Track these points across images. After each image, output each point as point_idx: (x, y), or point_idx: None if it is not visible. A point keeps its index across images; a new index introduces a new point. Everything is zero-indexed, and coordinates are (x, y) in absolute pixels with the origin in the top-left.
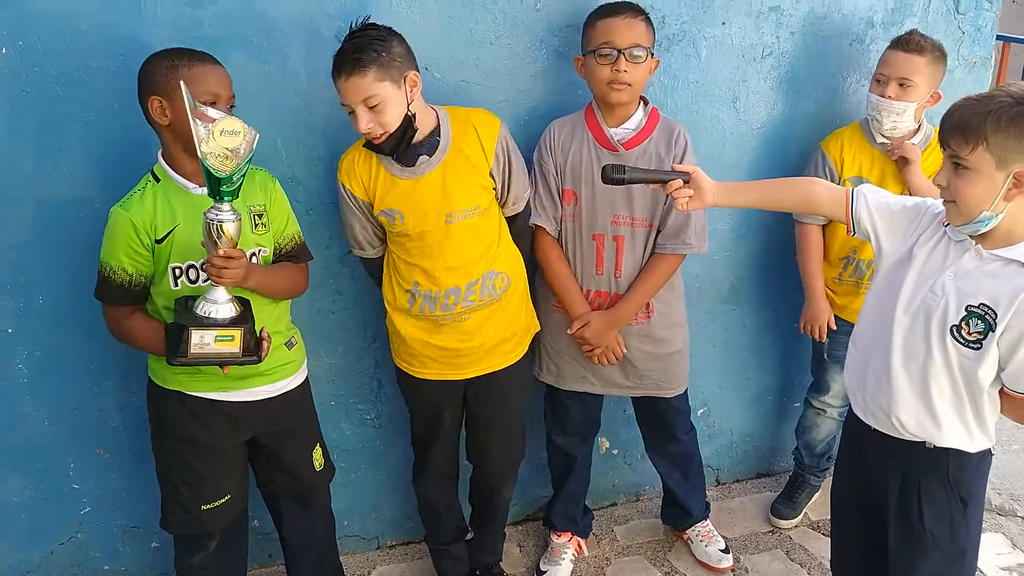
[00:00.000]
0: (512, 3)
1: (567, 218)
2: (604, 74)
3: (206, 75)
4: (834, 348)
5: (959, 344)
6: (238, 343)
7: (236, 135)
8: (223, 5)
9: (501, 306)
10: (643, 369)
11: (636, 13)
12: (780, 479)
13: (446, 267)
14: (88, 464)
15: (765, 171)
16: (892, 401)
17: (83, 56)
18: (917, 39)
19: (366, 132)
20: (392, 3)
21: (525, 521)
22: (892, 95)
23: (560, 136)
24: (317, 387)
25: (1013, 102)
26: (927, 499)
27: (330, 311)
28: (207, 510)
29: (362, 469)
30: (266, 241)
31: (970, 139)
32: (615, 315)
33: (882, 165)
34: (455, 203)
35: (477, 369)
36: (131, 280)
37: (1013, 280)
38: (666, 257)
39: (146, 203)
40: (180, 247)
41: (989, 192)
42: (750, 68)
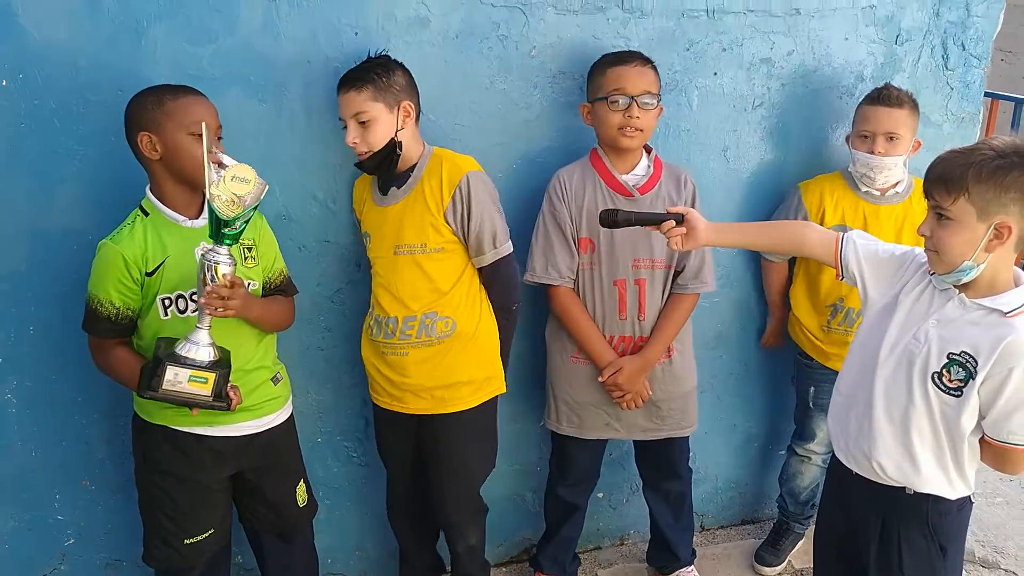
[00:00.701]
0: (507, 49)
1: (584, 266)
2: (616, 120)
3: (192, 106)
4: (819, 396)
5: (940, 391)
6: (210, 386)
7: (247, 183)
8: (223, 44)
9: (442, 351)
10: (665, 410)
11: (645, 61)
12: (764, 526)
13: (392, 296)
14: (73, 496)
15: (753, 219)
16: (873, 446)
17: (82, 91)
18: (896, 93)
19: (351, 145)
20: (389, 45)
21: (510, 563)
22: (881, 151)
23: (571, 185)
24: (304, 423)
25: (995, 155)
26: (907, 546)
27: (319, 348)
28: (190, 544)
29: (347, 507)
30: (255, 275)
31: (952, 190)
32: (645, 358)
33: (865, 212)
34: (403, 236)
35: (418, 407)
36: (118, 313)
37: (994, 329)
38: (687, 296)
39: (136, 237)
40: (170, 279)
41: (970, 243)
42: (741, 118)
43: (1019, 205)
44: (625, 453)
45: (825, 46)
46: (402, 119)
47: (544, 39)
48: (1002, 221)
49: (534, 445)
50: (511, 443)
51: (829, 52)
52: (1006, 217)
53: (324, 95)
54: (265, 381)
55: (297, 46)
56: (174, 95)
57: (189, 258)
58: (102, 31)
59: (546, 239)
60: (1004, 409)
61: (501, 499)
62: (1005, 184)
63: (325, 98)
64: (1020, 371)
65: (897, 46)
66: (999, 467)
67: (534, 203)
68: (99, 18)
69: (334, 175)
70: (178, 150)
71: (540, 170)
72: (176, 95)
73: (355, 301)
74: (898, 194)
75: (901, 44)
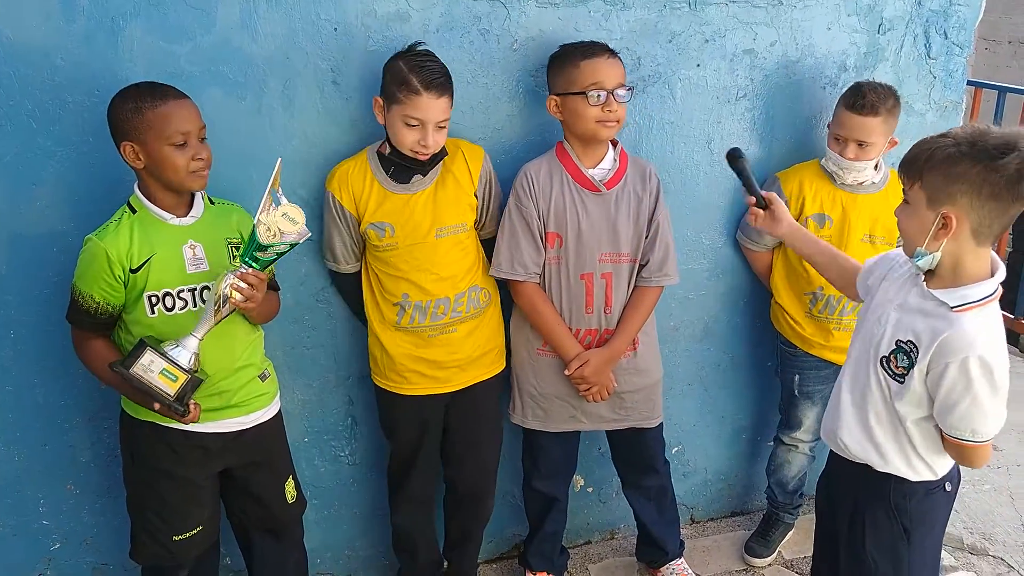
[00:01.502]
0: (489, 43)
1: (551, 261)
2: (594, 114)
3: (172, 114)
4: (804, 384)
5: (888, 375)
6: (177, 386)
7: (294, 224)
8: (200, 41)
9: (484, 320)
10: (629, 401)
11: (613, 53)
12: (754, 518)
13: (436, 278)
14: (58, 500)
15: (738, 211)
16: (839, 425)
17: (59, 91)
18: (871, 100)
19: (426, 147)
20: (370, 42)
21: (499, 559)
22: (852, 156)
23: (538, 180)
24: (291, 423)
25: (953, 142)
26: (870, 523)
27: (305, 347)
28: (178, 541)
29: (336, 506)
30: None
31: (910, 175)
32: (611, 351)
33: (843, 202)
34: (445, 218)
35: (460, 381)
36: (97, 308)
37: (937, 322)
38: (651, 289)
39: (122, 233)
40: (156, 276)
41: (920, 229)
42: (724, 110)
43: (968, 198)
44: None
45: (808, 36)
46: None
47: (526, 32)
48: (947, 211)
49: (519, 441)
50: None
51: (812, 42)
52: (952, 207)
53: (304, 92)
54: (253, 378)
55: (275, 42)
56: (152, 103)
57: (176, 256)
58: (78, 30)
59: (512, 234)
60: (944, 403)
61: None
62: (953, 174)
63: (305, 95)
64: (955, 368)
65: (880, 35)
66: (957, 460)
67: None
68: (74, 17)
69: (316, 172)
70: (161, 161)
71: (523, 163)
72: (156, 104)
73: (340, 300)
74: (874, 184)
75: (883, 33)
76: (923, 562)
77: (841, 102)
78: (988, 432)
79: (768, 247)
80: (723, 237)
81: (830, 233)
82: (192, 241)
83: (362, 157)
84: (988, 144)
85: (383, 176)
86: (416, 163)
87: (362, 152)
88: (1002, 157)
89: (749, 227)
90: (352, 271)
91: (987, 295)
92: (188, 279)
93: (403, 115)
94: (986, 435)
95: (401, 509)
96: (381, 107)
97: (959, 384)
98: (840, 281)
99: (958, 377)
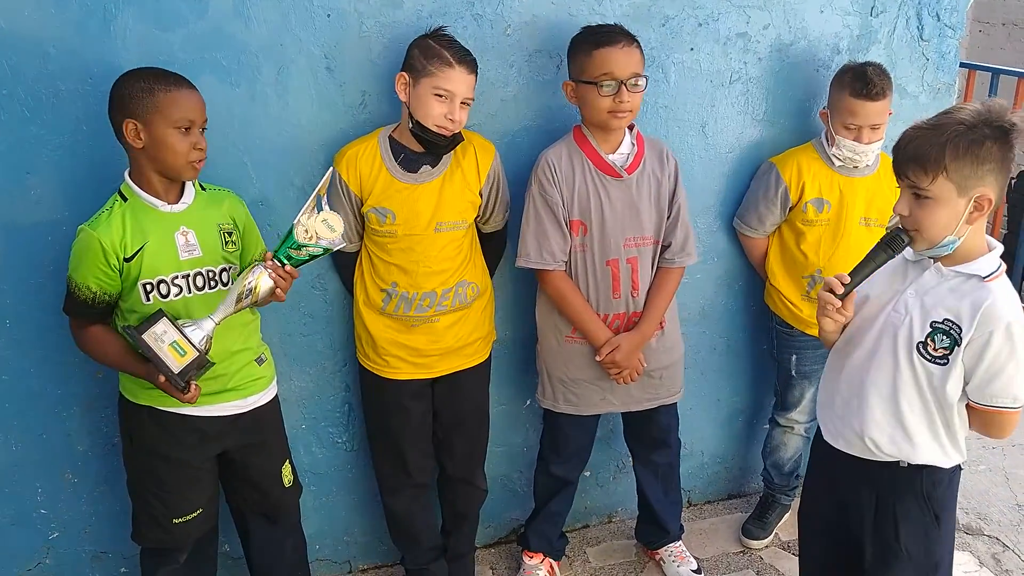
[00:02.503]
0: (482, 28)
1: (576, 248)
2: (605, 104)
3: (183, 100)
4: (802, 363)
5: (926, 360)
6: (184, 361)
7: (332, 231)
8: (193, 28)
9: (469, 312)
10: (658, 379)
11: (630, 40)
12: (751, 500)
13: (428, 271)
14: (56, 489)
15: (733, 194)
16: (864, 422)
17: (52, 79)
18: (877, 85)
19: (450, 121)
20: (363, 28)
21: (498, 544)
22: (868, 140)
23: (560, 167)
24: (288, 410)
25: (966, 129)
26: (903, 518)
27: (301, 334)
28: (179, 524)
29: (333, 492)
30: (235, 258)
31: (930, 170)
32: (641, 334)
33: (840, 185)
34: (445, 214)
35: (442, 368)
36: (95, 297)
37: (974, 294)
38: (675, 270)
39: (114, 222)
40: (150, 263)
41: (952, 218)
42: (718, 93)
43: (994, 175)
44: (611, 431)
45: (801, 19)
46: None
47: (519, 17)
48: (982, 193)
49: (520, 427)
50: (498, 424)
51: (805, 25)
52: (984, 188)
53: (298, 78)
54: (249, 362)
55: (269, 29)
56: (166, 87)
57: (169, 243)
58: (70, 18)
59: (538, 223)
60: (986, 373)
61: (489, 481)
62: (981, 157)
63: (299, 81)
64: (1000, 334)
65: (872, 18)
66: (986, 432)
67: (513, 182)
68: (67, 5)
69: (311, 159)
70: (163, 143)
71: (519, 150)
72: (168, 87)
73: (336, 286)
74: (868, 167)
75: (876, 16)
76: (948, 541)
77: (846, 90)
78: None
79: (766, 234)
80: (718, 221)
81: (828, 217)
82: (184, 227)
83: (372, 140)
84: (997, 121)
85: (392, 163)
86: (433, 145)
87: (373, 134)
88: (1011, 131)
89: (748, 213)
90: (353, 250)
91: (1000, 264)
92: (181, 265)
93: (434, 86)
94: (1023, 400)
95: (393, 494)
96: (406, 83)
97: (1004, 350)
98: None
99: (1003, 343)
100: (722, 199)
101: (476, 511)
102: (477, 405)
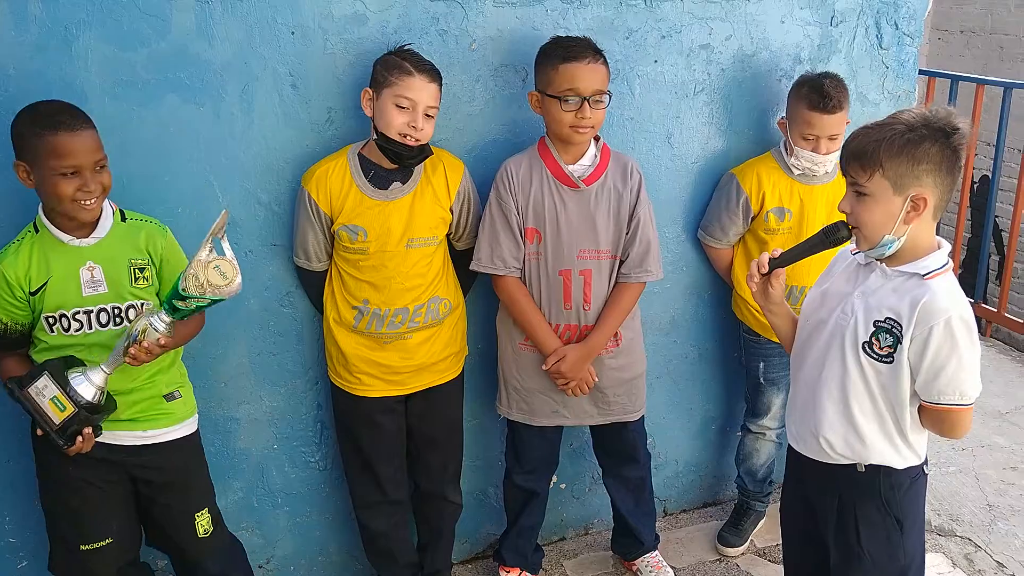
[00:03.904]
0: (447, 44)
1: (530, 256)
2: (567, 119)
3: (68, 145)
4: (769, 371)
5: (873, 359)
6: (62, 416)
7: (224, 279)
8: (156, 48)
9: (441, 329)
10: (611, 395)
11: (597, 55)
12: (726, 508)
13: (400, 288)
14: (24, 516)
15: (700, 204)
16: (819, 423)
17: (12, 102)
18: (834, 99)
19: (413, 129)
20: (328, 45)
21: (474, 559)
22: (825, 151)
23: (518, 175)
24: (259, 430)
25: (905, 129)
26: (863, 521)
27: (271, 353)
28: (87, 551)
29: (307, 512)
30: (147, 294)
31: (867, 167)
32: (588, 347)
33: (801, 194)
34: (416, 230)
35: (415, 384)
36: (6, 329)
37: (913, 292)
38: (631, 286)
39: (22, 255)
40: (53, 298)
41: (888, 216)
42: (683, 104)
43: (932, 176)
44: (585, 443)
45: (762, 30)
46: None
47: (484, 32)
48: (917, 193)
49: (495, 440)
50: (472, 438)
51: (766, 36)
52: (920, 189)
53: (263, 96)
54: (153, 396)
55: (233, 48)
56: (53, 131)
57: (73, 278)
58: (29, 40)
59: (492, 229)
60: (930, 370)
61: (464, 496)
62: (917, 156)
63: (264, 99)
64: (939, 329)
65: (832, 27)
66: (939, 431)
67: (480, 196)
68: (26, 27)
69: (277, 177)
70: (47, 188)
71: (485, 164)
72: (55, 131)
73: (306, 304)
74: (828, 174)
75: (836, 25)
76: (915, 546)
77: (803, 103)
78: (973, 393)
79: (730, 244)
80: (685, 232)
81: (790, 226)
82: (91, 263)
83: (342, 158)
84: (939, 124)
85: (362, 180)
86: (400, 156)
87: (342, 152)
88: (954, 133)
89: (711, 224)
90: (322, 269)
91: (946, 263)
92: (84, 301)
93: (395, 95)
94: (972, 397)
95: (367, 510)
96: (370, 97)
97: (945, 345)
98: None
99: (944, 338)
100: (689, 209)
101: (452, 527)
102: (450, 421)
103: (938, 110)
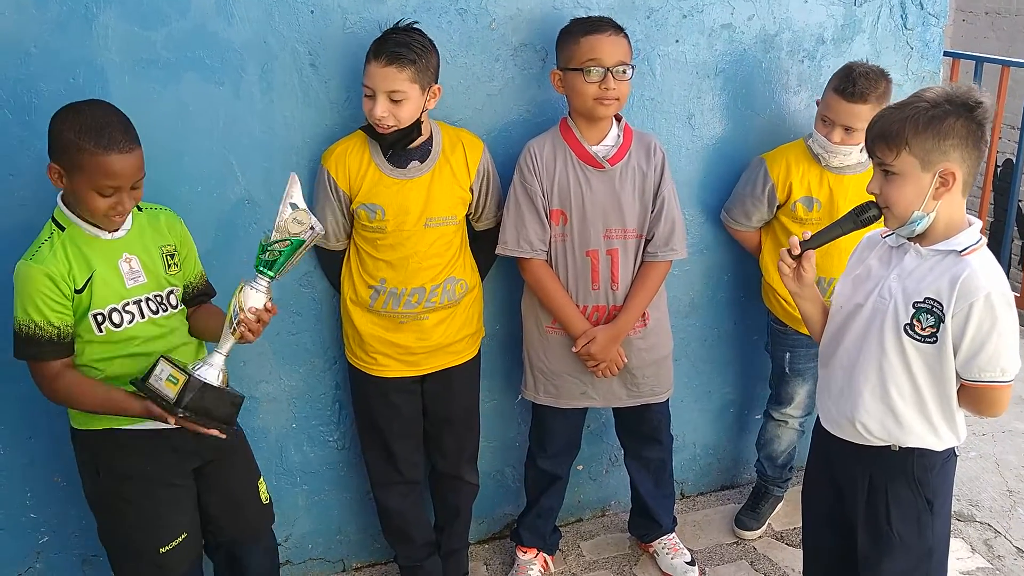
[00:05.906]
0: (467, 23)
1: (556, 238)
2: (591, 91)
3: (111, 166)
4: (795, 362)
5: (916, 341)
6: (176, 389)
7: (300, 224)
8: (176, 27)
9: (457, 309)
10: (640, 377)
11: (618, 29)
12: (744, 491)
13: (417, 267)
14: (45, 492)
15: (720, 185)
16: (855, 407)
17: (32, 80)
18: (861, 87)
19: (379, 118)
20: (347, 24)
21: (492, 539)
22: (837, 140)
23: (542, 156)
24: (278, 409)
25: (928, 106)
26: (894, 502)
27: (290, 333)
28: (166, 552)
29: (326, 491)
30: (178, 280)
31: (893, 145)
32: (618, 328)
33: (831, 183)
34: (435, 209)
35: (431, 365)
36: (59, 332)
37: (952, 269)
38: (658, 264)
39: (58, 254)
40: (100, 293)
41: (918, 193)
42: (704, 85)
43: (959, 151)
44: (603, 424)
45: (785, 9)
46: (429, 100)
47: (503, 11)
48: (945, 168)
49: (513, 421)
50: (489, 419)
51: (789, 15)
52: (948, 163)
53: (281, 75)
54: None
55: (252, 26)
56: (97, 149)
57: (114, 271)
58: (50, 17)
59: (517, 212)
60: (971, 347)
61: (481, 476)
62: (942, 131)
63: (284, 78)
64: (980, 305)
65: (856, 7)
66: (978, 410)
67: (500, 176)
68: (47, 4)
69: (297, 156)
70: (81, 199)
71: (506, 144)
72: (100, 150)
73: (324, 285)
74: (861, 164)
75: (860, 5)
76: (943, 528)
77: (831, 84)
78: (1014, 369)
79: (754, 227)
80: (704, 213)
81: (819, 216)
82: (126, 254)
83: (360, 137)
84: (961, 99)
85: (381, 159)
86: (383, 138)
87: (360, 131)
88: (977, 107)
89: (734, 207)
90: (340, 248)
91: (980, 239)
92: (129, 293)
93: (363, 83)
94: (1013, 373)
95: (384, 489)
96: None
97: (986, 321)
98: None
99: (984, 314)
100: (708, 191)
101: (468, 507)
102: (466, 402)
103: (959, 86)
